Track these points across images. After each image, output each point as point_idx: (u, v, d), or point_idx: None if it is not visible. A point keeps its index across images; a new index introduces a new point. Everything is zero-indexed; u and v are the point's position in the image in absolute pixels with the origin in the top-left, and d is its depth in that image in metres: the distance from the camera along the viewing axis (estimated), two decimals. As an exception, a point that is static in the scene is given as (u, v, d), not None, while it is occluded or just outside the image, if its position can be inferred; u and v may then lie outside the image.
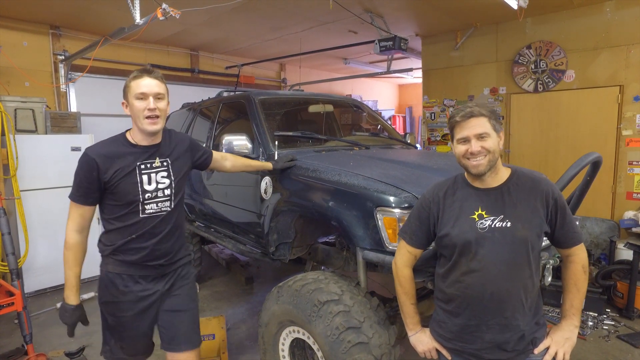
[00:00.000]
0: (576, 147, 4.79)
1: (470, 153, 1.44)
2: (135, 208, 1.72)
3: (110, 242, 1.77)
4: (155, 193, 1.76)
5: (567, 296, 1.53)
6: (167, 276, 1.86)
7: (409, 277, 1.66)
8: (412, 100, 11.28)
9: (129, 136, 1.78)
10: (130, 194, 1.70)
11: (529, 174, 1.52)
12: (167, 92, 1.78)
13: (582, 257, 1.52)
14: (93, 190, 1.69)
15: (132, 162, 1.72)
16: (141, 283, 1.79)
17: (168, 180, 1.81)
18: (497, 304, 1.42)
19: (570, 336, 1.50)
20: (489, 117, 1.45)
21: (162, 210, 1.79)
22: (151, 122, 1.70)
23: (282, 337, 2.27)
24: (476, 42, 5.57)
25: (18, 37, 4.89)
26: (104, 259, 1.81)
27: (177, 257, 1.89)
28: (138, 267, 1.78)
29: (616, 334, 3.29)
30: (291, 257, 2.70)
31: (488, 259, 1.43)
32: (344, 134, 3.84)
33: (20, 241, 4.08)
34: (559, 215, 1.46)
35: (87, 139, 4.60)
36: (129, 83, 1.71)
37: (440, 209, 1.55)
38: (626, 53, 4.38)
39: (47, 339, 3.35)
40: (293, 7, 4.61)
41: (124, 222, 1.73)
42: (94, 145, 1.75)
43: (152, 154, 1.78)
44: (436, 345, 1.61)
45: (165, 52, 6.39)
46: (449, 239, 1.49)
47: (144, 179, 1.74)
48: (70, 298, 1.76)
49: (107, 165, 1.67)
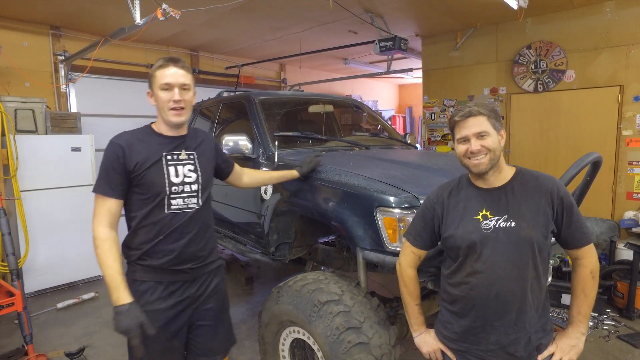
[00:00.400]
0: (576, 147, 4.78)
1: (470, 152, 1.44)
2: (162, 202, 1.63)
3: (136, 245, 1.66)
4: (182, 187, 1.67)
5: (575, 302, 1.50)
6: (197, 281, 1.75)
7: (414, 277, 1.66)
8: (412, 100, 11.27)
9: (154, 127, 1.73)
10: (157, 186, 1.62)
11: (534, 173, 1.50)
12: (193, 82, 1.70)
13: (591, 262, 1.47)
14: (120, 179, 1.59)
15: (157, 150, 1.65)
16: (170, 289, 1.67)
17: (195, 174, 1.72)
18: (502, 304, 1.41)
19: (577, 343, 1.47)
20: (488, 116, 1.45)
21: (189, 207, 1.69)
22: (176, 113, 1.63)
23: (282, 337, 2.27)
24: (476, 42, 5.57)
25: (18, 38, 4.89)
26: (131, 266, 1.70)
27: (208, 259, 1.78)
28: (167, 272, 1.67)
29: (616, 334, 3.29)
30: (291, 257, 2.71)
31: (493, 259, 1.42)
32: (344, 134, 3.85)
33: (21, 241, 4.07)
34: (565, 213, 1.43)
35: (87, 139, 4.60)
36: (154, 72, 1.63)
37: (444, 210, 1.55)
38: (626, 53, 4.38)
39: (47, 339, 3.35)
40: (293, 7, 4.61)
41: (150, 219, 1.63)
42: (118, 134, 1.67)
43: (177, 145, 1.71)
44: (441, 347, 1.60)
45: (165, 52, 6.38)
46: (454, 240, 1.48)
47: (171, 170, 1.66)
48: (120, 298, 1.50)
49: (132, 151, 1.60)
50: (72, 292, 4.38)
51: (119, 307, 1.49)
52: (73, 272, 4.54)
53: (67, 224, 4.42)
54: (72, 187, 4.48)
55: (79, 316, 3.79)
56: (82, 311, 3.90)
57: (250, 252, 3.02)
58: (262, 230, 2.76)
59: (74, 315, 3.80)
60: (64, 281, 4.48)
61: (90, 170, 4.61)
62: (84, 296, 4.14)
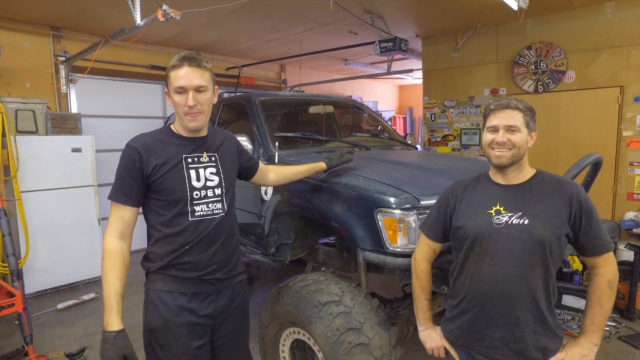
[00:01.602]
0: (577, 147, 4.78)
1: (495, 142, 1.44)
2: (184, 209, 1.51)
3: (159, 257, 1.53)
4: (205, 192, 1.56)
5: (589, 312, 1.45)
6: (222, 293, 1.63)
7: (427, 271, 1.66)
8: (413, 101, 11.28)
9: (173, 128, 1.62)
10: (178, 191, 1.51)
11: (554, 176, 1.50)
12: (211, 80, 1.57)
13: (610, 272, 1.42)
14: (135, 186, 1.49)
15: (177, 153, 1.55)
16: (195, 302, 1.55)
17: (217, 178, 1.61)
18: (507, 302, 1.40)
19: (588, 353, 1.43)
20: (524, 113, 1.45)
21: (215, 213, 1.57)
22: (191, 118, 1.52)
23: (282, 338, 2.26)
24: (476, 43, 5.57)
25: (19, 39, 4.90)
26: (151, 277, 1.57)
27: (234, 271, 1.67)
28: (191, 283, 1.54)
29: (617, 335, 3.28)
30: (291, 258, 2.70)
31: (501, 255, 1.40)
32: (345, 135, 3.85)
33: (21, 242, 4.08)
34: (584, 219, 1.40)
35: (88, 140, 4.61)
36: (169, 73, 1.52)
37: (457, 202, 1.55)
38: (626, 54, 4.38)
39: (47, 340, 3.34)
40: (293, 8, 4.61)
41: (172, 229, 1.51)
42: (135, 136, 1.57)
43: (198, 147, 1.60)
44: (445, 344, 1.60)
45: (165, 53, 6.39)
46: (464, 231, 1.48)
47: (192, 174, 1.54)
48: (110, 323, 1.39)
49: (150, 155, 1.49)
50: (72, 292, 4.38)
51: (106, 332, 1.39)
52: (73, 273, 4.54)
53: (67, 224, 4.43)
54: (72, 187, 4.48)
55: (79, 317, 3.78)
56: (82, 312, 3.90)
57: (251, 252, 3.02)
58: (263, 231, 2.76)
59: (74, 316, 3.80)
60: (64, 282, 4.48)
61: (91, 171, 4.61)
62: (84, 297, 4.14)
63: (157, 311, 1.52)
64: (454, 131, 5.94)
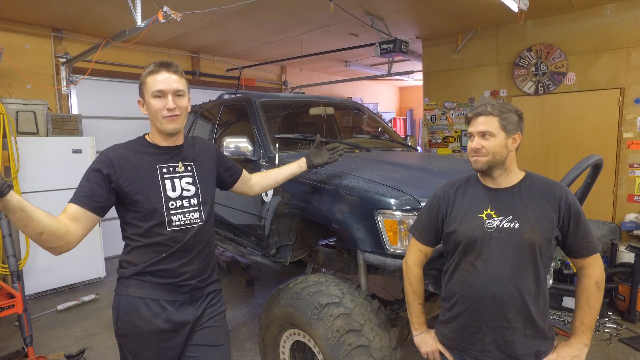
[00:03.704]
0: (577, 149, 4.78)
1: (470, 149, 1.48)
2: (161, 219, 1.49)
3: (133, 264, 1.51)
4: (181, 202, 1.55)
5: (578, 312, 1.48)
6: (196, 302, 1.60)
7: (419, 276, 1.67)
8: (413, 102, 11.28)
9: (148, 137, 1.61)
10: (153, 201, 1.49)
11: (543, 179, 1.51)
12: (187, 86, 1.59)
13: (596, 272, 1.45)
14: (99, 192, 1.45)
15: (151, 163, 1.54)
16: (168, 309, 1.52)
17: (194, 187, 1.59)
18: (499, 305, 1.41)
19: (579, 354, 1.46)
20: (499, 117, 1.44)
21: (193, 223, 1.56)
22: (170, 120, 1.52)
23: (282, 339, 2.26)
24: (477, 45, 5.58)
25: (20, 40, 4.91)
26: (124, 282, 1.53)
27: (209, 280, 1.65)
28: (165, 290, 1.52)
29: (618, 337, 3.28)
30: (292, 259, 2.70)
31: (492, 258, 1.42)
32: (345, 137, 3.85)
33: (21, 243, 4.08)
34: (572, 221, 1.43)
35: (88, 141, 4.61)
36: (145, 79, 1.53)
37: (449, 206, 1.56)
38: (627, 55, 4.38)
39: (47, 341, 3.34)
40: (294, 10, 4.62)
41: (150, 239, 1.49)
42: (110, 147, 1.56)
43: (173, 156, 1.59)
44: (440, 348, 1.61)
45: (166, 54, 6.40)
46: (456, 236, 1.49)
47: (167, 184, 1.54)
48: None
49: (122, 165, 1.48)
50: (72, 294, 4.38)
51: None
52: (73, 274, 4.54)
53: (67, 225, 4.42)
54: (73, 189, 4.36)
55: (79, 318, 3.78)
56: (82, 313, 3.90)
57: (251, 254, 3.02)
58: (263, 233, 2.76)
59: (74, 317, 3.80)
60: (64, 283, 4.48)
61: (91, 172, 4.61)
62: (84, 298, 4.14)
63: (128, 317, 1.50)
64: (454, 133, 5.94)
